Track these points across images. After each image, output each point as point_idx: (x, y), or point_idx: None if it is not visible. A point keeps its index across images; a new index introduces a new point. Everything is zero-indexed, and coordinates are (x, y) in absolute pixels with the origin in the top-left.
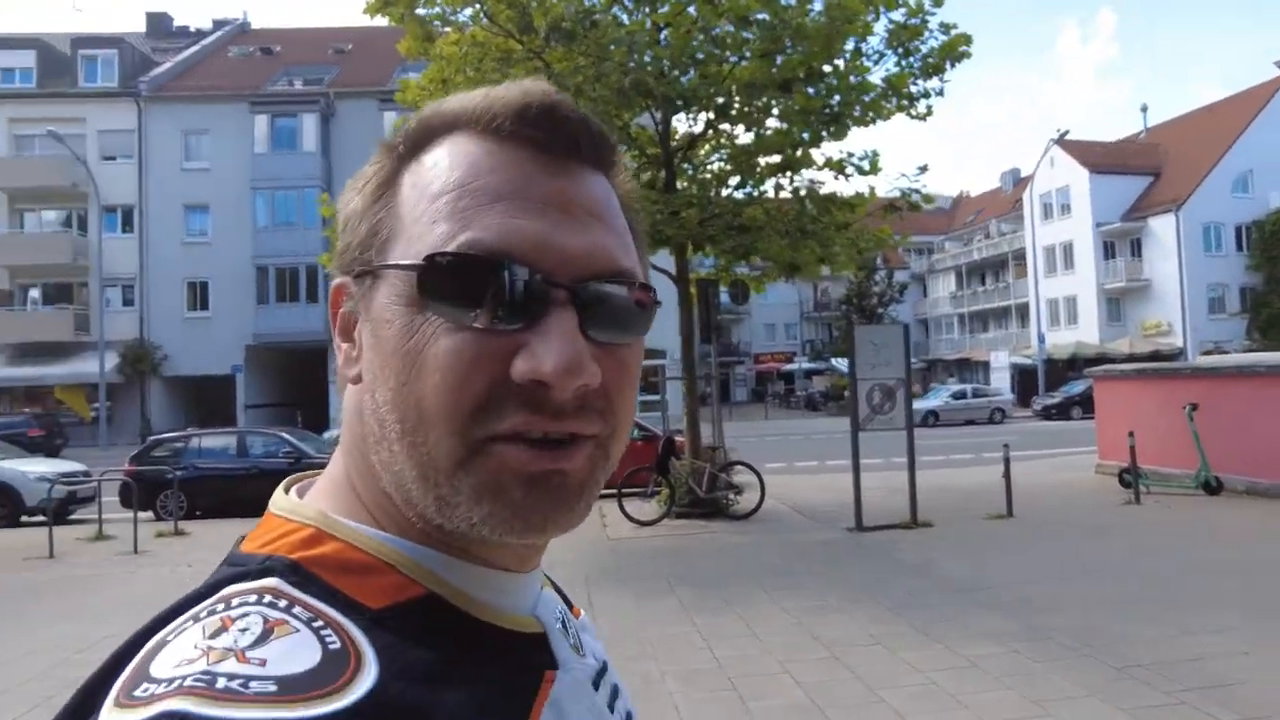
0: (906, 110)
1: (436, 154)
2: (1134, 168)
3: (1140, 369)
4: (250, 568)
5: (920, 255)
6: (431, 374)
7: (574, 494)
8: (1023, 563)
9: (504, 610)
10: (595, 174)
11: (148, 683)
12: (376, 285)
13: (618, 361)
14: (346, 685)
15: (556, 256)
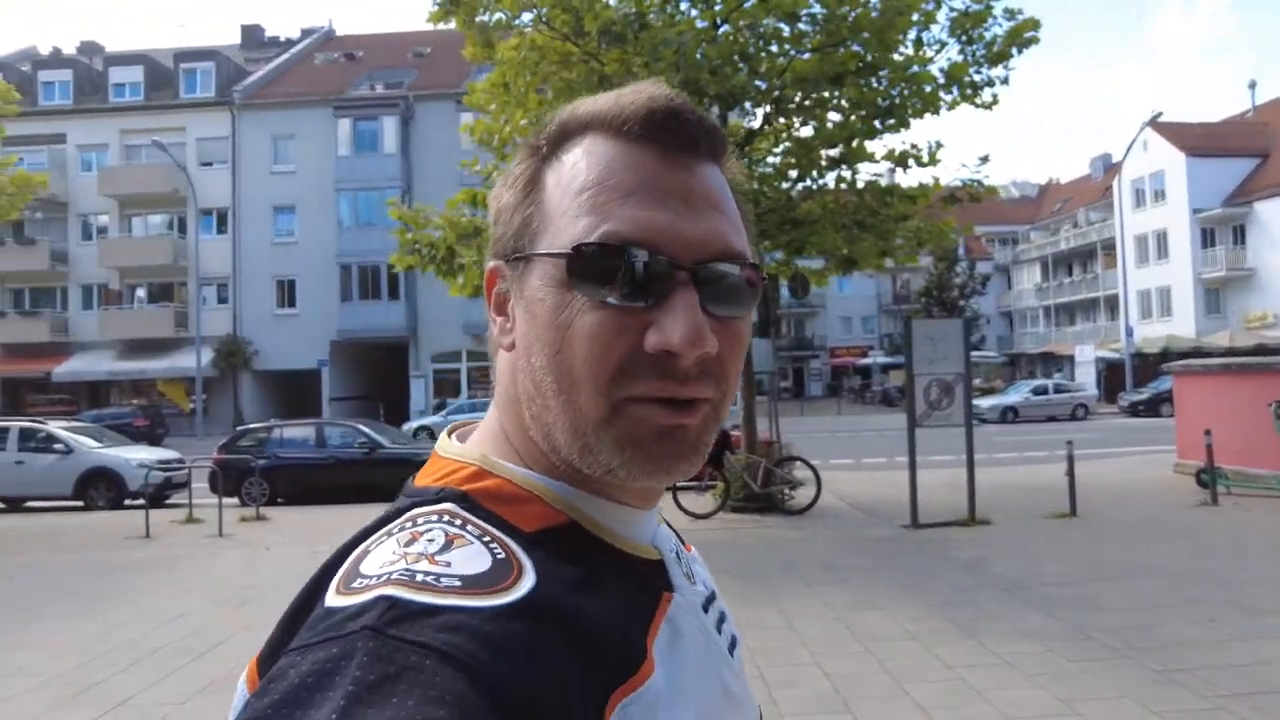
0: (971, 100)
1: (575, 154)
2: (1238, 149)
3: (1225, 364)
4: (428, 496)
5: (1005, 245)
6: (580, 344)
7: (692, 446)
8: (1079, 562)
9: (630, 539)
10: (711, 165)
11: (360, 578)
12: (529, 269)
13: (731, 333)
14: (513, 584)
15: (680, 242)
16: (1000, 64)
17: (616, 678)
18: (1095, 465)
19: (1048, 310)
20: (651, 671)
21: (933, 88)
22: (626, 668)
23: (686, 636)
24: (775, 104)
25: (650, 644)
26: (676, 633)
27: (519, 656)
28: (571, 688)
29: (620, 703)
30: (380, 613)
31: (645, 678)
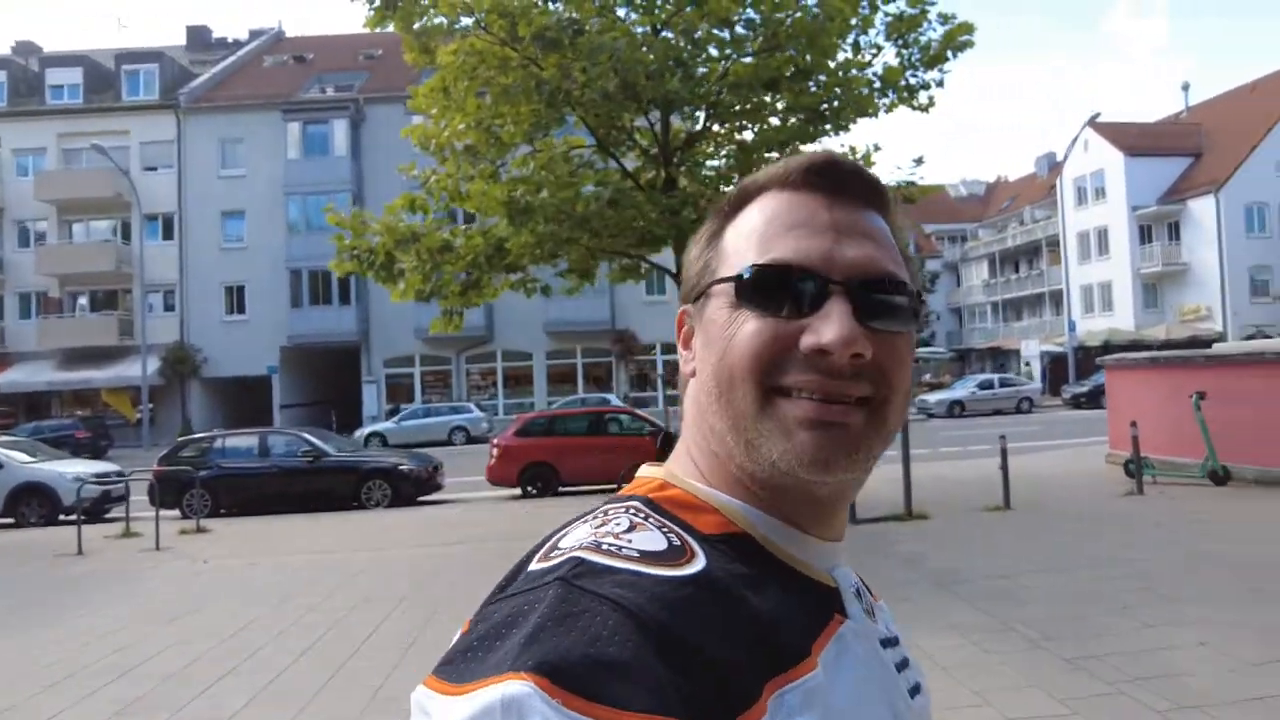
0: (908, 102)
1: (750, 208)
2: (1172, 149)
3: (1151, 357)
4: (619, 500)
5: (954, 243)
6: (739, 346)
7: (851, 443)
8: (1009, 555)
9: (804, 561)
10: (870, 211)
11: (557, 549)
12: (707, 300)
13: (889, 345)
14: (686, 563)
15: (836, 263)
16: (935, 67)
17: (776, 667)
18: (1033, 458)
19: (995, 306)
20: (813, 669)
21: (869, 91)
22: (787, 660)
23: (855, 658)
24: (713, 108)
25: (816, 650)
26: (845, 649)
27: (682, 615)
28: (730, 658)
29: (778, 690)
30: (570, 568)
31: (806, 672)
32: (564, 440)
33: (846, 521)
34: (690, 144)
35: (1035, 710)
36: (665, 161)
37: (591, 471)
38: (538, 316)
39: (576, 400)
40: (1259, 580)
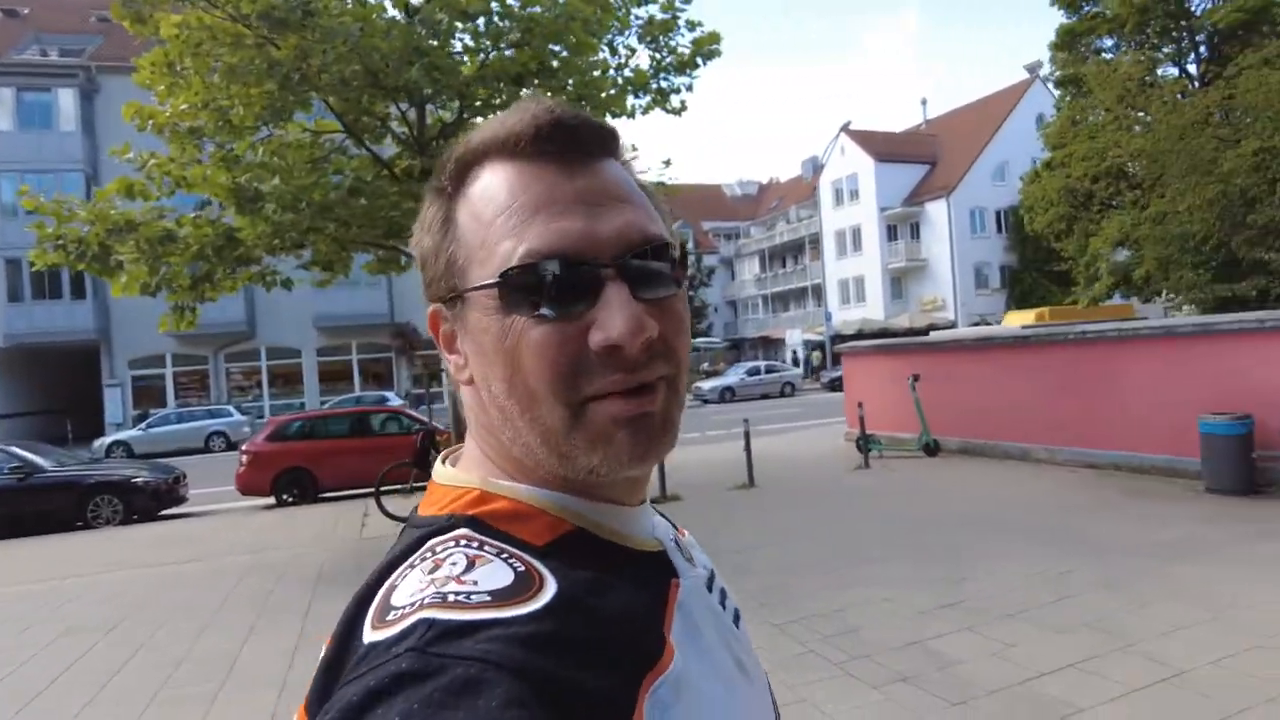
0: (661, 105)
1: (478, 185)
2: (913, 157)
3: (877, 344)
4: (439, 524)
5: (730, 240)
6: (529, 361)
7: (660, 428)
8: (745, 529)
9: (632, 534)
10: (606, 160)
11: (393, 610)
12: (466, 305)
13: (668, 312)
14: (538, 592)
15: (597, 243)
16: (686, 72)
17: (644, 665)
18: (785, 438)
19: (766, 299)
20: (672, 656)
21: (616, 91)
22: (651, 656)
23: (698, 619)
24: (465, 100)
25: (667, 632)
26: (688, 617)
27: (556, 653)
28: (606, 676)
29: (651, 686)
30: (421, 634)
31: (668, 663)
32: (323, 444)
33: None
34: (447, 134)
35: None
36: (420, 150)
37: (353, 475)
38: (307, 310)
39: (351, 399)
40: (951, 537)
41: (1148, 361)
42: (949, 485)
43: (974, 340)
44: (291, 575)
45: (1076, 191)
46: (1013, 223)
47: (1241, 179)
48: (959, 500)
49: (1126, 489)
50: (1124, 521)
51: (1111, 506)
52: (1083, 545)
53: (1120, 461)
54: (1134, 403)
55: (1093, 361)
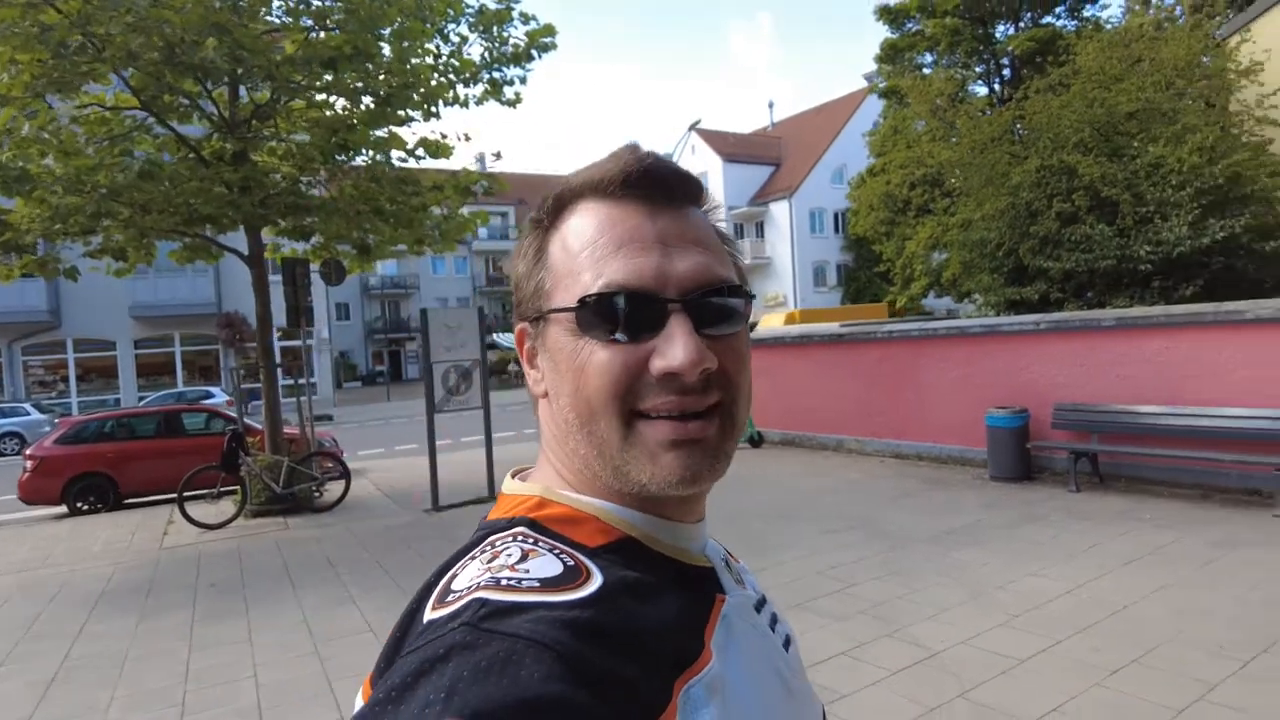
0: (496, 96)
1: (571, 220)
2: (760, 158)
3: None
4: (500, 525)
5: None
6: (593, 378)
7: (711, 455)
8: None
9: (681, 548)
10: (688, 208)
11: (452, 593)
12: (547, 325)
13: (729, 347)
14: (584, 583)
15: (669, 279)
16: (520, 65)
17: (680, 665)
18: None
19: None
20: (710, 660)
21: (441, 80)
22: (687, 657)
23: (740, 633)
24: (273, 81)
25: (708, 638)
26: (731, 630)
27: (596, 639)
28: (640, 671)
29: (685, 686)
30: (474, 611)
31: (704, 664)
32: (127, 445)
33: (705, 500)
34: (262, 116)
35: None
36: (229, 131)
37: (161, 480)
38: (121, 298)
39: (171, 395)
40: (760, 528)
41: (944, 359)
42: (767, 476)
43: (795, 337)
44: (67, 594)
45: (895, 197)
46: (848, 224)
47: (1026, 193)
48: (773, 491)
49: (926, 478)
50: (919, 510)
51: (911, 495)
52: (880, 534)
53: (923, 452)
54: (933, 397)
55: (899, 358)
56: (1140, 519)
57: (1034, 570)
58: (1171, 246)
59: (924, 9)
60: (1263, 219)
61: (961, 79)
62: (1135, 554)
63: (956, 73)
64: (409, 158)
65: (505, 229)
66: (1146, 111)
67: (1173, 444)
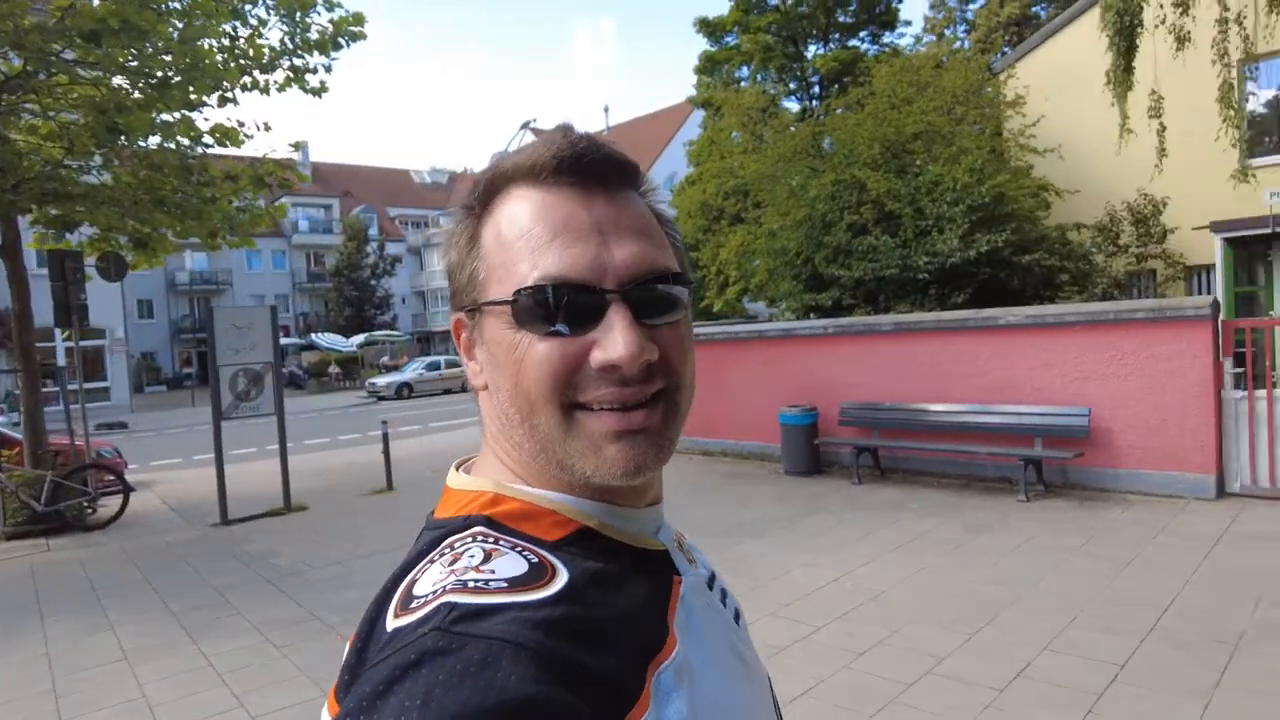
0: (299, 84)
1: (504, 208)
2: None
3: None
4: (455, 525)
5: (419, 228)
6: (531, 371)
7: (655, 444)
8: (368, 538)
9: (635, 535)
10: (625, 192)
11: (415, 599)
12: (484, 317)
13: (670, 336)
14: (550, 580)
15: (607, 269)
16: (325, 53)
17: (649, 651)
18: (453, 435)
19: None
20: (675, 644)
21: (229, 64)
22: (655, 643)
23: (698, 613)
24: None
25: (671, 622)
26: (690, 611)
27: (570, 635)
28: (612, 663)
29: (656, 671)
30: (444, 616)
31: (671, 649)
32: None
33: (661, 480)
34: (12, 89)
35: (294, 698)
36: None
37: None
38: None
39: None
40: None
41: (746, 360)
42: None
43: None
44: None
45: (711, 206)
46: None
47: (822, 205)
48: None
49: (728, 473)
50: (715, 504)
51: (710, 490)
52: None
53: (727, 448)
54: (737, 396)
55: (706, 360)
56: (909, 508)
57: (808, 560)
58: (945, 257)
59: (741, 24)
60: (1022, 235)
61: (773, 94)
62: (899, 541)
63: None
64: (195, 145)
65: (329, 222)
66: (929, 133)
67: (941, 438)
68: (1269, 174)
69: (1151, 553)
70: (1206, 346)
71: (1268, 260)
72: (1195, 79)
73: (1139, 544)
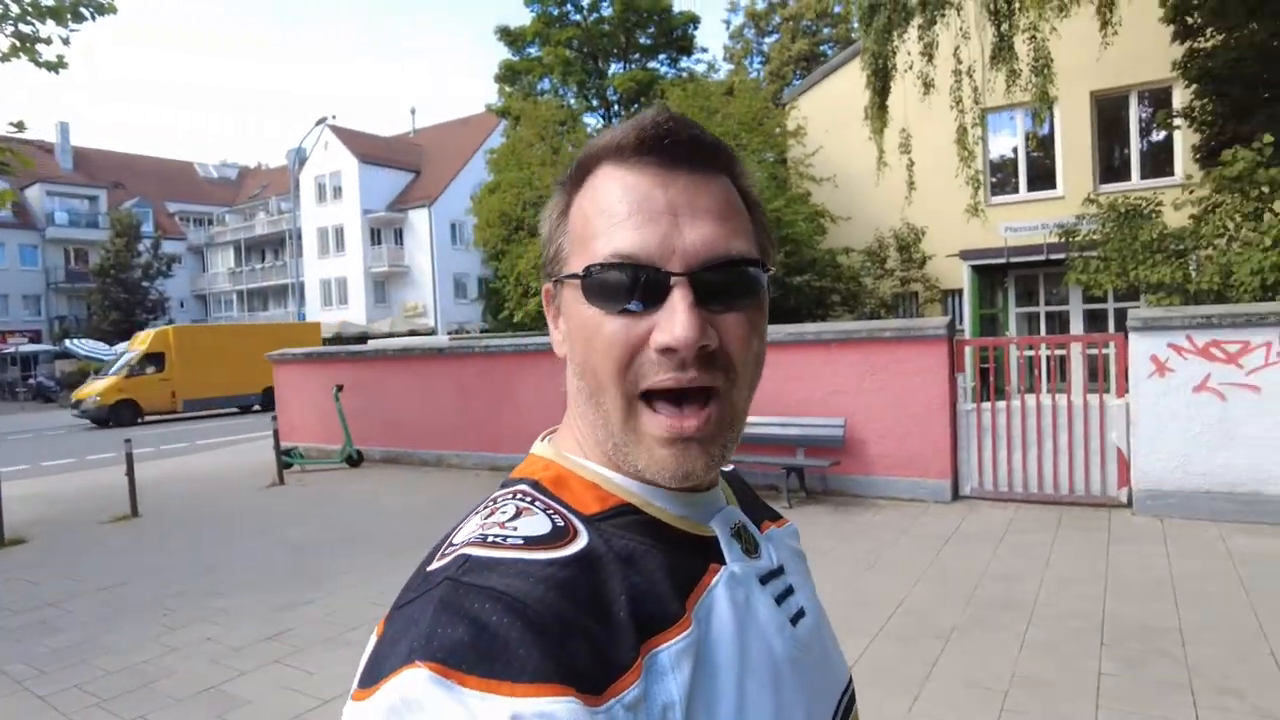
0: (31, 56)
1: (590, 184)
2: (399, 163)
3: (308, 352)
4: (510, 484)
5: (201, 226)
6: (600, 351)
7: (705, 452)
8: (97, 572)
9: (682, 517)
10: (709, 176)
11: (450, 546)
12: (563, 289)
13: (737, 321)
14: (569, 543)
15: (674, 250)
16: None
17: (652, 628)
18: (211, 455)
19: (242, 294)
20: (687, 628)
21: None
22: (663, 623)
23: (732, 605)
24: None
25: (690, 607)
26: (724, 601)
27: (565, 594)
28: (606, 629)
29: (652, 650)
30: (458, 566)
31: (679, 633)
32: None
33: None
34: None
35: None
36: None
37: None
38: None
39: None
40: (326, 555)
41: (538, 372)
42: (352, 498)
43: (396, 351)
44: None
45: (510, 216)
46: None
47: None
48: (353, 514)
49: None
50: None
51: None
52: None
53: (517, 463)
54: (529, 409)
55: (497, 372)
56: None
57: None
58: None
59: (542, 36)
60: (799, 257)
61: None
62: None
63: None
64: None
65: (94, 216)
66: None
67: None
68: (1004, 210)
69: (892, 554)
70: (943, 363)
71: (1005, 286)
72: (946, 121)
73: (883, 547)
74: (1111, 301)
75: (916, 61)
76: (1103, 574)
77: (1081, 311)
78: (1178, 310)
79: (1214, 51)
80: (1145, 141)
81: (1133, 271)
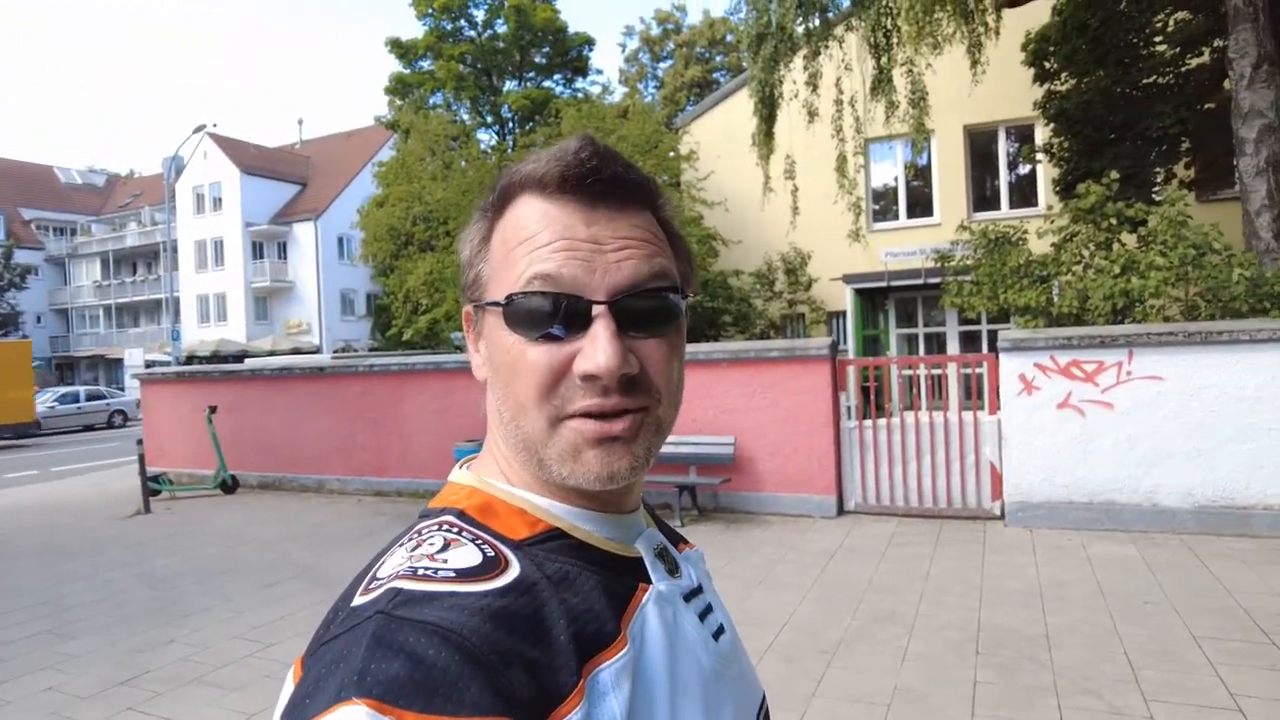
0: None
1: (512, 212)
2: (284, 175)
3: (180, 371)
4: (433, 514)
5: (61, 235)
6: (522, 376)
7: (632, 454)
8: None
9: (609, 539)
10: (631, 209)
11: (376, 580)
12: (484, 315)
13: (658, 347)
14: (501, 573)
15: (597, 282)
16: None
17: (589, 652)
18: (76, 480)
19: (109, 310)
20: (624, 647)
21: None
22: (600, 644)
23: (661, 622)
24: None
25: (625, 626)
26: (650, 618)
27: (503, 624)
28: (545, 656)
29: (593, 670)
30: (389, 600)
31: (617, 651)
32: None
33: (641, 489)
34: None
35: None
36: None
37: None
38: None
39: None
40: (190, 589)
41: (424, 393)
42: (229, 526)
43: (274, 370)
44: None
45: (399, 230)
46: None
47: None
48: (223, 544)
49: (399, 514)
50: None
51: (374, 534)
52: (322, 582)
53: (402, 488)
54: (414, 432)
55: (380, 392)
56: None
57: None
58: None
59: (434, 50)
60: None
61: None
62: None
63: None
64: None
65: None
66: None
67: None
68: (885, 236)
69: (780, 571)
70: (827, 382)
71: (886, 308)
72: (831, 149)
73: (771, 564)
74: (985, 323)
75: (802, 91)
76: (978, 585)
77: (957, 333)
78: (1042, 332)
79: (1068, 94)
80: (1013, 174)
81: (1002, 295)
